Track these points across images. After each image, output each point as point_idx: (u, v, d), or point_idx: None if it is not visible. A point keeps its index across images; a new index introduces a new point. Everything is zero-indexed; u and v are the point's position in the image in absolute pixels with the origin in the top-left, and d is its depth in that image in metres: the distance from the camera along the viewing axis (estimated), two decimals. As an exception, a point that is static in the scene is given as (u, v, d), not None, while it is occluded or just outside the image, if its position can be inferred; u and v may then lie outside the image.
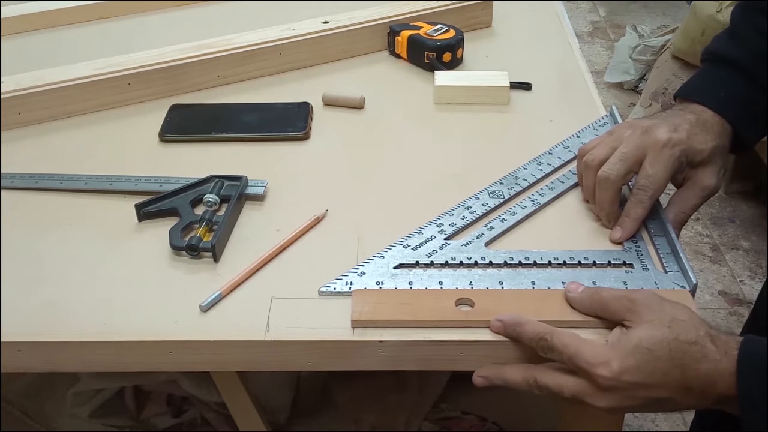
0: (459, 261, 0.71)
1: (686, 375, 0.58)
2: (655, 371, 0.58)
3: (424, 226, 0.75)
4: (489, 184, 0.80)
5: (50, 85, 0.93)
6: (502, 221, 0.76)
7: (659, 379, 0.58)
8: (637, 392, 0.59)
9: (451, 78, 0.97)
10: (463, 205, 0.78)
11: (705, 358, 0.58)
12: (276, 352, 0.65)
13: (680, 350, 0.58)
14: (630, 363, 0.59)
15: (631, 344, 0.59)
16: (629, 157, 0.72)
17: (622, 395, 0.59)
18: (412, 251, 0.72)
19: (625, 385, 0.59)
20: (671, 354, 0.58)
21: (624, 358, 0.59)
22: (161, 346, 0.65)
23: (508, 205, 0.78)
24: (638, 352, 0.59)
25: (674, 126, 0.74)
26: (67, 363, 0.67)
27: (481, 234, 0.74)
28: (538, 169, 0.82)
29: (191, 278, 0.70)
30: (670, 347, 0.59)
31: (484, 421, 1.09)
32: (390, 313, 0.65)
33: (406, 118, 0.93)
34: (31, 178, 0.83)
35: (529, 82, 0.98)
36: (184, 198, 0.78)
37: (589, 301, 0.64)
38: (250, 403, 0.98)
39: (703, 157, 0.75)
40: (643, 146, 0.72)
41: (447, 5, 1.09)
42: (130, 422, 1.09)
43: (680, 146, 0.73)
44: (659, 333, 0.59)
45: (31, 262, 0.73)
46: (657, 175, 0.72)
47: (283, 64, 1.03)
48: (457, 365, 0.66)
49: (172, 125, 0.92)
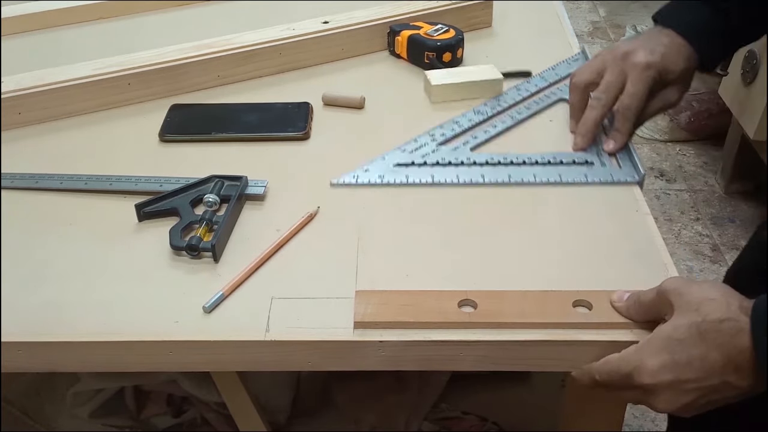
0: (448, 161, 0.85)
1: (727, 353, 0.57)
2: (692, 360, 0.57)
3: (418, 136, 0.89)
4: (474, 105, 0.94)
5: (50, 85, 0.93)
6: (485, 132, 0.90)
7: (700, 366, 0.57)
8: (686, 385, 0.58)
9: (446, 76, 0.97)
10: (452, 120, 0.91)
11: (741, 331, 0.57)
12: (276, 352, 0.65)
13: (712, 330, 0.57)
14: (664, 359, 0.58)
15: (661, 339, 0.59)
16: (613, 85, 0.84)
17: (673, 393, 0.58)
18: (409, 154, 0.86)
19: (669, 383, 0.58)
20: (703, 337, 0.57)
21: (656, 356, 0.58)
22: (161, 346, 0.65)
23: (491, 121, 0.92)
24: (670, 346, 0.58)
25: (650, 50, 0.84)
26: (67, 363, 0.67)
27: (466, 141, 0.88)
28: (518, 94, 0.97)
29: (191, 278, 0.70)
30: (699, 331, 0.57)
31: (485, 421, 1.09)
32: (392, 314, 0.65)
33: (407, 118, 0.93)
34: (31, 178, 0.83)
35: (528, 70, 1.00)
36: (184, 198, 0.78)
37: (633, 309, 0.64)
38: (250, 403, 0.98)
39: (674, 77, 0.85)
40: (624, 71, 0.84)
41: (447, 5, 1.09)
42: (130, 422, 1.09)
43: (656, 68, 0.84)
44: (686, 320, 0.58)
45: (31, 262, 0.73)
46: (638, 94, 0.83)
47: (283, 64, 1.03)
48: (457, 365, 0.66)
49: (172, 125, 0.92)
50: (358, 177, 0.82)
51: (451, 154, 0.86)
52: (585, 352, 0.64)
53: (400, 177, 0.82)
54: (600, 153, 0.85)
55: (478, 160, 0.84)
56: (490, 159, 0.84)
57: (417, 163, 0.84)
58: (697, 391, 0.58)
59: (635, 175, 0.82)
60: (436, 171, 0.83)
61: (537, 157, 0.84)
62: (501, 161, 0.84)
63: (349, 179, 0.82)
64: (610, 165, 0.83)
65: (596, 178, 0.81)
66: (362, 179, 0.82)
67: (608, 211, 0.77)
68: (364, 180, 0.82)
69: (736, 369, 0.57)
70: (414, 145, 0.87)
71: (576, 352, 0.64)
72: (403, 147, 0.87)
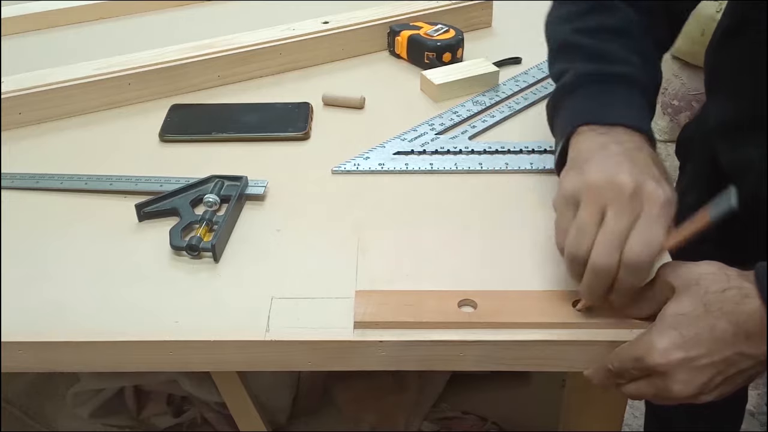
0: (447, 149, 0.87)
1: (735, 321, 0.55)
2: (700, 333, 0.56)
3: (418, 125, 0.91)
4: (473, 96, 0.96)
5: (51, 85, 0.93)
6: (483, 122, 0.92)
7: (709, 338, 0.56)
8: (698, 362, 0.56)
9: (445, 74, 0.98)
10: (451, 110, 0.94)
11: (746, 296, 0.55)
12: (276, 352, 0.65)
13: (716, 300, 0.56)
14: (673, 337, 0.57)
15: (668, 318, 0.58)
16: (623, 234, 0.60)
17: (687, 373, 0.57)
18: (408, 142, 0.88)
19: (680, 361, 0.56)
20: (708, 308, 0.56)
21: (664, 334, 0.57)
22: (161, 346, 0.65)
23: (489, 111, 0.94)
24: (676, 323, 0.57)
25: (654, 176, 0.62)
26: (67, 363, 0.67)
27: (465, 131, 0.90)
28: (515, 85, 0.99)
29: (191, 278, 0.71)
30: (703, 302, 0.57)
31: (484, 421, 1.09)
32: (392, 314, 0.65)
33: (406, 118, 0.93)
34: (31, 178, 0.83)
35: (519, 57, 1.03)
36: (184, 198, 0.78)
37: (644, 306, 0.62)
38: (251, 403, 0.98)
39: None
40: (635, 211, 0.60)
41: (447, 5, 1.10)
42: (131, 422, 1.09)
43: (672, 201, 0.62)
44: (689, 295, 0.57)
45: (31, 262, 0.73)
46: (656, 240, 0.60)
47: (284, 64, 1.03)
48: (457, 365, 0.66)
49: (172, 125, 0.92)
50: (358, 165, 0.85)
51: (449, 142, 0.88)
52: (585, 352, 0.64)
53: (400, 165, 0.84)
54: None
55: (476, 149, 0.86)
56: (488, 147, 0.86)
57: (416, 151, 0.87)
58: (712, 367, 0.57)
59: None
60: (435, 159, 0.85)
61: (533, 145, 0.86)
62: (499, 149, 0.86)
63: (350, 166, 0.84)
64: None
65: None
66: (363, 166, 0.84)
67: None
68: (365, 167, 0.84)
69: (747, 336, 0.56)
70: (413, 134, 0.89)
71: (576, 352, 0.64)
72: (402, 136, 0.89)
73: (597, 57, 0.72)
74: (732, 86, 0.82)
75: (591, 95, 0.70)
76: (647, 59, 0.73)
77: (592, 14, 0.75)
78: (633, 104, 0.69)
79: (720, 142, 0.85)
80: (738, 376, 0.58)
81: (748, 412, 1.61)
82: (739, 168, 0.81)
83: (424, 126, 0.91)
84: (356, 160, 0.85)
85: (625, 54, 0.72)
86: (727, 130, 0.83)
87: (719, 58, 0.85)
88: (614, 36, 0.73)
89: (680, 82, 2.39)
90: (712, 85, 0.88)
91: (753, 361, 0.57)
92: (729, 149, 0.84)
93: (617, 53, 0.72)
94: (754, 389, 1.65)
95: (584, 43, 0.74)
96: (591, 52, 0.73)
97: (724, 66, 0.84)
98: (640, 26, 0.74)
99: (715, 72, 0.87)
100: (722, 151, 0.85)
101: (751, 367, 0.57)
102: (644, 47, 0.73)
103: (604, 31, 0.74)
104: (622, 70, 0.71)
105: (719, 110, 0.85)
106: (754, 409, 1.62)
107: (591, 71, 0.72)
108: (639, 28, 0.74)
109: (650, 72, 0.73)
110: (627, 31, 0.74)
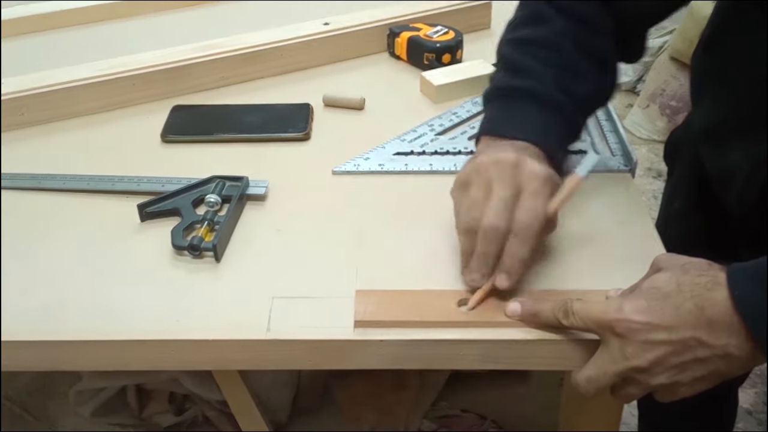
0: (446, 150, 0.87)
1: (701, 305, 0.56)
2: (666, 308, 0.57)
3: (418, 126, 0.92)
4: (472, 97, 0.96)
5: (53, 86, 0.94)
6: None
7: (672, 314, 0.57)
8: (657, 335, 0.57)
9: (445, 76, 0.98)
10: (451, 111, 0.95)
11: (717, 284, 0.57)
12: (277, 351, 0.65)
13: (689, 283, 0.57)
14: (639, 303, 0.58)
15: (641, 289, 0.59)
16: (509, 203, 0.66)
17: (642, 343, 0.57)
18: (408, 143, 0.89)
19: (640, 326, 0.57)
20: (680, 288, 0.57)
21: (633, 299, 0.58)
22: (163, 345, 0.65)
23: None
24: (647, 292, 0.58)
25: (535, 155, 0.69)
26: (69, 362, 0.68)
27: (464, 131, 0.91)
28: None
29: (193, 278, 0.71)
30: (678, 281, 0.58)
31: (484, 420, 1.09)
32: (392, 313, 0.66)
33: (406, 119, 0.94)
34: (33, 179, 0.84)
35: None
36: (186, 198, 0.79)
37: None
38: (251, 402, 0.98)
39: None
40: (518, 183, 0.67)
41: (446, 7, 1.10)
42: (132, 421, 1.10)
43: None
44: (668, 272, 0.59)
45: (33, 262, 0.73)
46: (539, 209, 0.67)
47: (285, 65, 1.03)
48: (456, 364, 0.66)
49: (174, 126, 0.92)
50: (358, 165, 0.85)
51: (449, 143, 0.89)
52: (584, 351, 0.64)
53: (400, 165, 0.85)
54: (593, 142, 0.87)
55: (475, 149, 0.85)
56: None
57: (416, 152, 0.87)
58: (668, 345, 0.57)
59: (628, 162, 0.84)
60: (435, 159, 0.86)
61: None
62: None
63: (351, 167, 0.85)
64: (603, 153, 0.86)
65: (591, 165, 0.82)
66: (363, 167, 0.85)
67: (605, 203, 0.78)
68: (365, 168, 0.85)
69: (708, 323, 0.56)
70: (413, 135, 0.90)
71: (575, 351, 0.64)
72: (402, 136, 0.90)
73: (512, 70, 0.77)
74: (714, 93, 0.84)
75: (496, 108, 0.77)
76: (572, 71, 0.75)
77: (524, 25, 0.79)
78: (529, 119, 0.73)
79: (705, 148, 0.87)
80: (694, 365, 0.58)
81: (746, 411, 1.61)
82: (724, 173, 0.83)
83: (423, 127, 0.92)
84: (356, 161, 0.86)
85: (540, 68, 0.75)
86: (711, 136, 0.85)
87: (702, 66, 0.87)
88: (538, 48, 0.76)
89: (678, 83, 2.40)
90: (696, 92, 0.91)
91: (709, 353, 0.57)
92: (713, 155, 0.86)
93: (531, 67, 0.75)
94: (751, 388, 1.65)
95: (507, 55, 0.79)
96: (508, 64, 0.78)
97: (707, 73, 0.86)
98: (570, 38, 0.75)
99: (699, 79, 0.89)
100: (707, 157, 0.87)
101: (707, 359, 0.58)
102: (571, 60, 0.75)
103: (530, 43, 0.77)
104: (526, 84, 0.74)
105: (703, 116, 0.87)
106: (752, 408, 1.63)
107: (501, 85, 0.77)
108: (569, 40, 0.75)
109: (568, 85, 0.74)
110: (554, 43, 0.76)
